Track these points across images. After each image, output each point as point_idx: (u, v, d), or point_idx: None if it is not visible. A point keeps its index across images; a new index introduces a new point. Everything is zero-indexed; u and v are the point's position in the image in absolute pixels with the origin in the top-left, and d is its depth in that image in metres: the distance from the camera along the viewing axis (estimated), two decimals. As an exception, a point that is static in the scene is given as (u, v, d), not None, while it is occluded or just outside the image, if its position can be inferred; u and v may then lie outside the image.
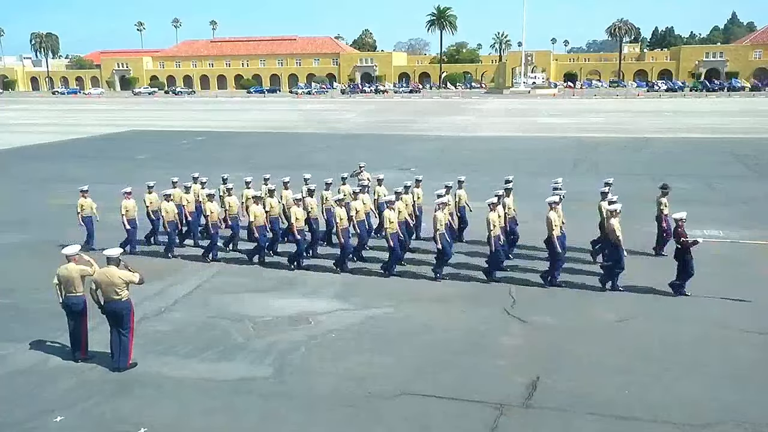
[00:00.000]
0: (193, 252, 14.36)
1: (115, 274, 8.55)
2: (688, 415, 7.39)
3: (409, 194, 13.94)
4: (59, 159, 31.31)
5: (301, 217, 12.94)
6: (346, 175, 15.70)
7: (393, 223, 12.34)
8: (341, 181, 15.08)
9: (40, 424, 7.49)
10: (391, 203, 12.62)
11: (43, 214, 18.85)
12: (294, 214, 12.83)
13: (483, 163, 27.76)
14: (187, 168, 19.96)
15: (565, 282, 11.95)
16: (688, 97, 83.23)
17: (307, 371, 8.69)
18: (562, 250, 11.70)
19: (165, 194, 14.08)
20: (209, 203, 13.54)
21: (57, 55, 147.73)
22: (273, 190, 14.02)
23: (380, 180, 15.28)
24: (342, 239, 12.61)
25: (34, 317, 10.63)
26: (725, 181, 22.50)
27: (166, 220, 14.01)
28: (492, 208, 12.01)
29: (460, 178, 14.71)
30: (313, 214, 13.59)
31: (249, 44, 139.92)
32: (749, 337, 9.53)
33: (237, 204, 14.18)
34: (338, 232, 12.59)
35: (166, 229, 14.17)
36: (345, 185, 14.87)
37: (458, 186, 14.47)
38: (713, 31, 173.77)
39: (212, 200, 13.61)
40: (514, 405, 7.71)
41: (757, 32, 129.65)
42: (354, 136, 40.16)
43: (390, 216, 12.36)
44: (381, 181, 15.24)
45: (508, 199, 13.28)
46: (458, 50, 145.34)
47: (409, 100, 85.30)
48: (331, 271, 12.98)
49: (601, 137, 36.90)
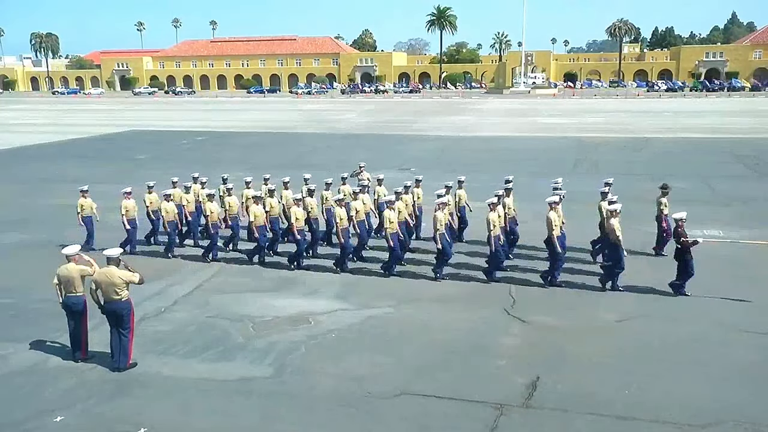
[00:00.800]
0: (193, 252, 14.37)
1: (115, 274, 8.54)
2: (688, 415, 7.39)
3: (409, 194, 13.94)
4: (59, 159, 31.31)
5: (301, 217, 12.94)
6: (346, 175, 15.71)
7: (393, 223, 12.34)
8: (341, 181, 15.09)
9: (40, 424, 7.50)
10: (391, 203, 12.62)
11: (43, 214, 18.84)
12: (294, 214, 12.84)
13: (483, 163, 27.77)
14: (187, 168, 19.99)
15: (565, 282, 11.95)
16: (688, 97, 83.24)
17: (307, 371, 8.69)
18: (562, 250, 11.70)
19: (165, 194, 14.09)
20: (209, 203, 13.54)
21: (57, 55, 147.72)
22: (273, 190, 14.03)
23: (380, 180, 15.28)
24: (342, 239, 12.61)
25: (34, 317, 10.63)
26: (725, 181, 22.50)
27: (166, 220, 14.02)
28: (492, 208, 12.01)
29: (460, 178, 14.72)
30: (313, 214, 13.60)
31: (249, 44, 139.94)
32: (749, 337, 9.53)
33: (237, 204, 14.19)
34: (338, 232, 12.59)
35: (166, 229, 14.17)
36: (345, 185, 14.88)
37: (458, 186, 14.47)
38: (713, 31, 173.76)
39: (212, 200, 13.62)
40: (514, 405, 7.71)
41: (757, 32, 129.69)
42: (354, 136, 40.16)
43: (390, 216, 12.36)
44: (381, 181, 15.24)
45: (508, 199, 13.28)
46: (458, 50, 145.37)
47: (409, 100, 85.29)
48: (331, 271, 12.98)
49: (601, 137, 36.90)
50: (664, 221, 13.28)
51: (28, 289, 11.93)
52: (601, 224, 12.70)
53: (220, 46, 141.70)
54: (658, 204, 13.41)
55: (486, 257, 12.59)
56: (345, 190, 14.33)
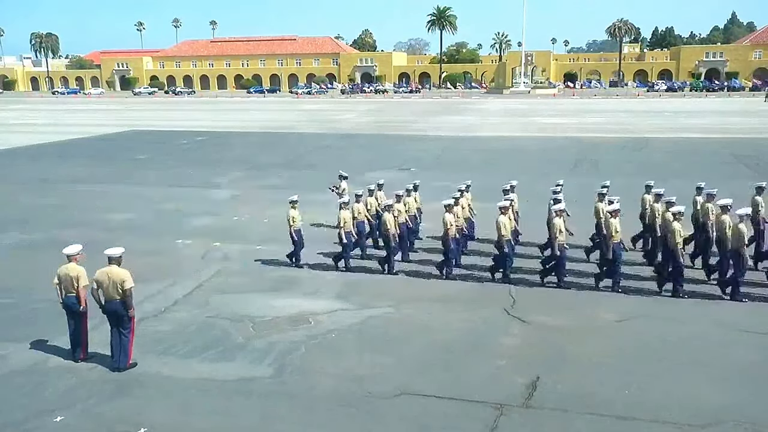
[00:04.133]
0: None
1: (116, 274, 8.55)
2: (688, 415, 7.39)
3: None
4: (59, 159, 31.30)
5: (350, 219, 12.88)
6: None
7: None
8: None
9: (40, 424, 7.49)
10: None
11: (43, 214, 18.83)
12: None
13: (483, 163, 27.77)
14: (187, 168, 19.90)
15: (565, 282, 11.93)
16: (688, 97, 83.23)
17: (307, 371, 8.69)
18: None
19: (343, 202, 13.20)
20: (387, 214, 12.77)
21: (57, 55, 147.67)
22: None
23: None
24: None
25: (34, 317, 10.63)
26: (725, 181, 22.45)
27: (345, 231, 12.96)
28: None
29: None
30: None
31: (249, 44, 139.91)
32: (749, 337, 9.54)
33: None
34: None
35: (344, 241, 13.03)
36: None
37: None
38: (713, 31, 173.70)
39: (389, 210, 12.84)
40: (514, 405, 7.71)
41: (757, 32, 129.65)
42: (354, 136, 40.15)
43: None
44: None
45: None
46: (458, 50, 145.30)
47: (409, 100, 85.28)
48: (331, 269, 12.99)
49: (601, 137, 36.90)
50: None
51: (28, 289, 11.92)
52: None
53: (220, 46, 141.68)
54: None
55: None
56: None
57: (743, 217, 10.96)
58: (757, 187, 13.39)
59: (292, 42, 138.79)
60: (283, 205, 13.76)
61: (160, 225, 17.26)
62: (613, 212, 11.47)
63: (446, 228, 12.07)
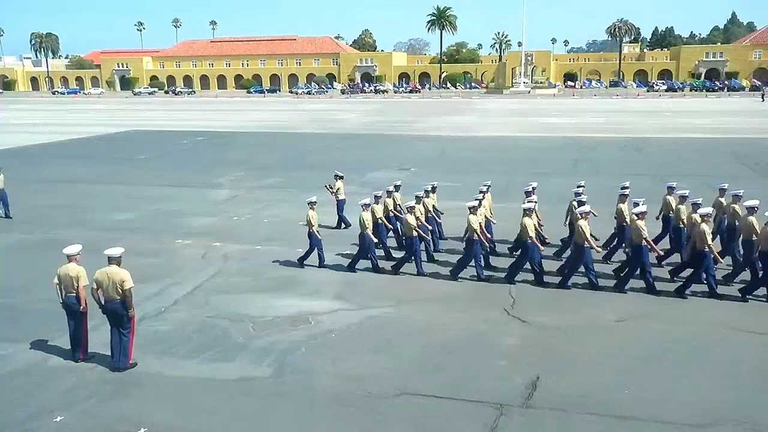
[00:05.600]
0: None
1: (116, 274, 8.55)
2: (688, 415, 7.39)
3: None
4: (59, 159, 31.30)
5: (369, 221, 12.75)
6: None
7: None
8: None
9: (40, 424, 7.49)
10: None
11: (42, 214, 18.83)
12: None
13: (483, 163, 27.76)
14: (186, 168, 19.90)
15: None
16: (688, 97, 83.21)
17: (307, 371, 8.69)
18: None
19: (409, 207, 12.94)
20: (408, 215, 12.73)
21: (57, 55, 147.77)
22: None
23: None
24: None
25: (34, 317, 10.62)
26: (725, 181, 22.38)
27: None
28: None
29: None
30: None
31: (249, 44, 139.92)
32: (749, 337, 9.54)
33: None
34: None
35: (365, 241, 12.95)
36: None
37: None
38: (713, 31, 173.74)
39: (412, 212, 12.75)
40: (514, 405, 7.71)
41: (757, 32, 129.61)
42: (354, 136, 40.15)
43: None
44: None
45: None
46: (458, 50, 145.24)
47: (409, 100, 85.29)
48: (332, 270, 12.99)
49: (601, 137, 36.89)
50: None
51: (28, 289, 11.92)
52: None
53: (220, 46, 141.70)
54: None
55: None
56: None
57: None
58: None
59: (292, 42, 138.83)
60: (284, 205, 13.77)
61: (160, 225, 17.25)
62: (639, 214, 11.25)
63: (471, 229, 11.94)
